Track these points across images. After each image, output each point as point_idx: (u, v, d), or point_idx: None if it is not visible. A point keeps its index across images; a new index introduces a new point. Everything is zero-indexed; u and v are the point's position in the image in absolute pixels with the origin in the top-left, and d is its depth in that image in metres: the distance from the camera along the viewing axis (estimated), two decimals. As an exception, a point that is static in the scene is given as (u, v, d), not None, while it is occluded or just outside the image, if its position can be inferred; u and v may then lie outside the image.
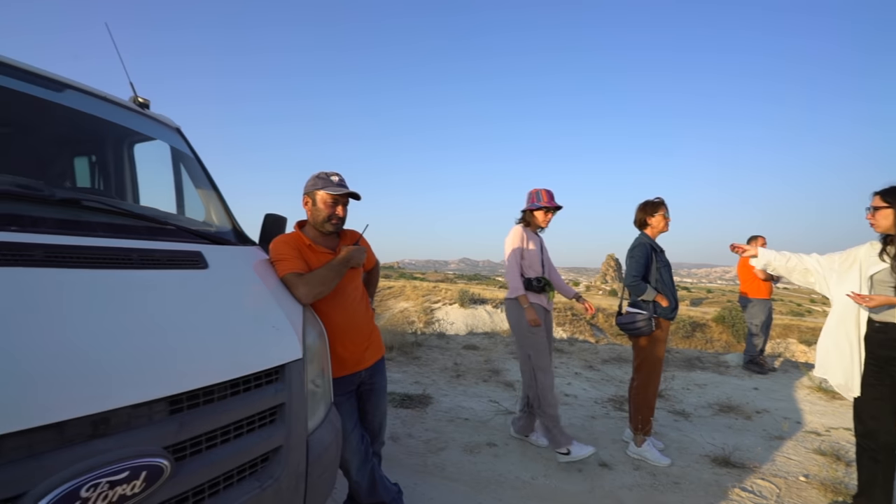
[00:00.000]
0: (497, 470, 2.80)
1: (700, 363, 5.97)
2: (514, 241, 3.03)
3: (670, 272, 3.10)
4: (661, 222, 3.08)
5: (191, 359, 1.17)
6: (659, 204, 3.10)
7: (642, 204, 3.16)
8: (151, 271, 1.34)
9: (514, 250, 3.01)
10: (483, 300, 28.52)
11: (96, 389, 0.97)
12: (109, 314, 1.12)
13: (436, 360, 5.57)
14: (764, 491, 2.66)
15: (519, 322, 2.97)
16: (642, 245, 3.04)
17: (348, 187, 2.07)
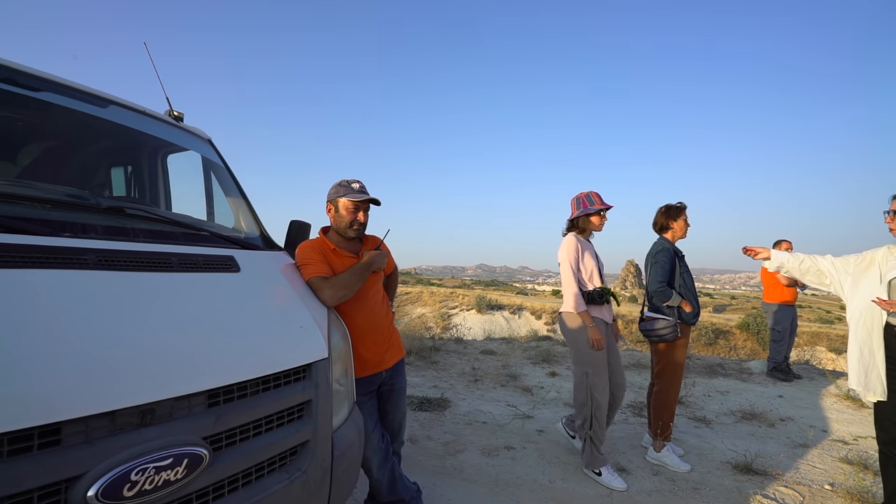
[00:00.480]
0: (515, 472, 2.82)
1: (722, 370, 5.87)
2: (570, 252, 2.82)
3: (692, 277, 3.12)
4: (683, 227, 3.09)
5: (226, 356, 1.26)
6: (682, 209, 3.10)
7: (665, 208, 3.14)
8: (190, 274, 1.44)
9: (571, 262, 2.80)
10: (500, 306, 28.45)
11: (143, 382, 1.06)
12: (154, 313, 1.22)
13: (454, 364, 5.61)
14: (787, 499, 2.62)
15: (577, 339, 2.77)
16: (666, 250, 3.02)
17: (369, 194, 2.15)
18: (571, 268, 2.80)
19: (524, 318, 26.62)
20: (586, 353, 2.76)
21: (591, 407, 2.74)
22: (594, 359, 2.74)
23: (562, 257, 2.84)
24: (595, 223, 2.91)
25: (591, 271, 2.86)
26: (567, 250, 2.82)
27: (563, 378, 5.21)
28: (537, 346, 6.94)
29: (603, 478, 2.72)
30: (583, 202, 2.90)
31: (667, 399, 3.03)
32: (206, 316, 1.33)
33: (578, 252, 2.85)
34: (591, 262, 2.86)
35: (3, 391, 0.88)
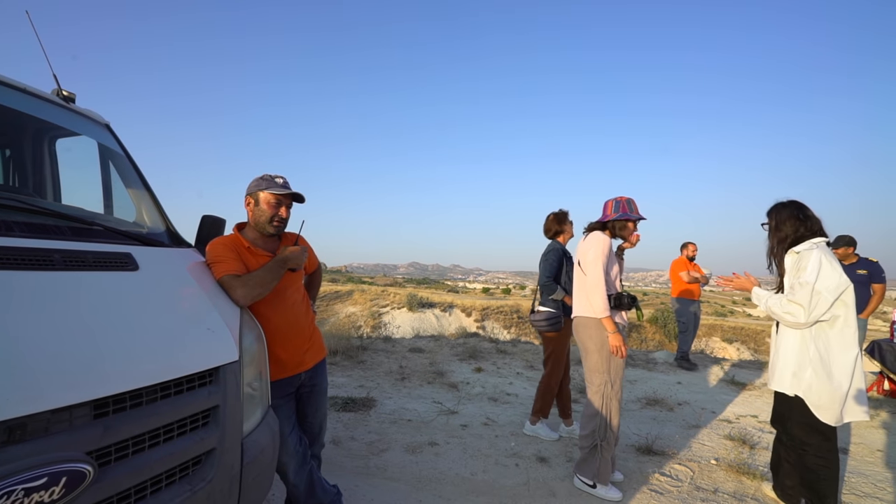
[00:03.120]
0: (438, 468, 2.87)
1: (632, 361, 6.38)
2: (604, 249, 2.61)
3: None
4: (571, 231, 3.54)
5: (117, 362, 1.15)
6: (566, 215, 3.55)
7: (553, 215, 3.54)
8: (76, 273, 1.30)
9: (603, 261, 2.60)
10: (431, 304, 28.64)
11: (12, 394, 0.94)
12: (28, 317, 1.08)
13: (381, 363, 5.57)
14: (680, 474, 2.91)
15: (602, 345, 2.61)
16: (555, 251, 3.43)
17: (292, 189, 2.08)
18: (603, 267, 2.60)
19: (455, 315, 27.03)
20: (607, 361, 2.60)
21: (608, 416, 2.59)
22: (616, 367, 2.60)
23: (592, 255, 2.60)
24: (630, 230, 2.74)
25: (616, 274, 2.73)
26: (600, 247, 2.61)
27: (489, 374, 5.38)
28: (465, 343, 7.09)
29: (598, 490, 2.59)
30: (623, 206, 2.70)
31: (549, 383, 3.44)
32: (94, 319, 1.21)
33: (610, 252, 2.68)
34: (616, 266, 2.74)
35: None
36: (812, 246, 2.25)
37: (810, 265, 2.19)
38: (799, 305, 2.18)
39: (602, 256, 2.61)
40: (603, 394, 2.61)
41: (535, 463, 3.00)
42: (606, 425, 2.60)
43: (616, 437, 2.64)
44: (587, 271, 2.63)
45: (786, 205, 2.40)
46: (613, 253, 2.75)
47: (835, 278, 2.15)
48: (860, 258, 4.85)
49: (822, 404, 2.20)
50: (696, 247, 6.31)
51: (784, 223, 2.36)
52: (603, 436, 2.60)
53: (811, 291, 2.15)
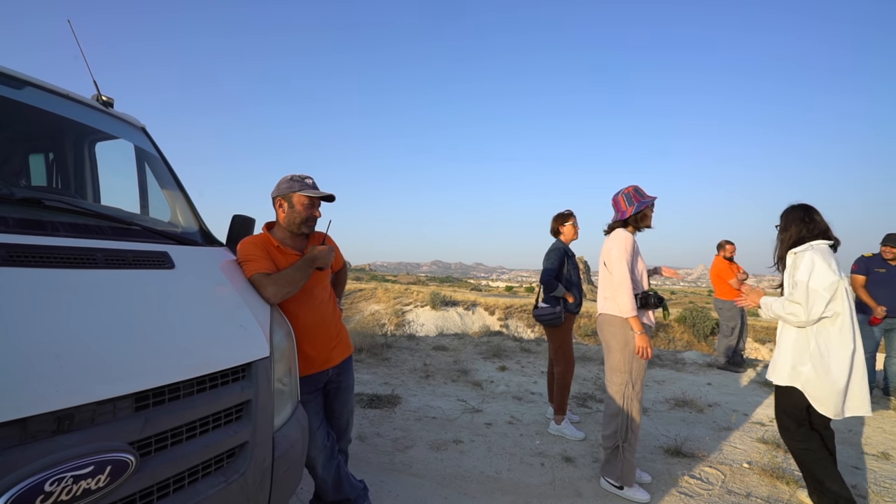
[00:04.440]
0: (463, 466, 2.88)
1: (659, 361, 6.25)
2: (629, 247, 2.58)
3: (579, 274, 3.58)
4: (572, 231, 3.58)
5: (157, 356, 1.20)
6: (569, 215, 3.59)
7: (556, 215, 3.62)
8: (117, 271, 1.35)
9: (629, 260, 2.56)
10: (454, 302, 28.70)
11: (60, 386, 0.99)
12: (74, 313, 1.14)
13: (405, 361, 5.61)
14: (711, 477, 2.84)
15: (626, 344, 2.56)
16: (557, 249, 3.51)
17: (320, 189, 2.12)
18: (628, 265, 2.55)
19: (478, 313, 27.00)
20: (630, 361, 2.55)
21: (628, 417, 2.56)
22: (637, 367, 2.56)
23: (616, 253, 2.57)
24: (650, 217, 2.71)
25: (642, 272, 2.68)
26: (625, 245, 2.57)
27: (512, 372, 5.35)
28: (488, 341, 7.07)
29: (625, 492, 2.55)
30: (634, 197, 2.64)
31: (565, 380, 3.48)
32: (134, 315, 1.26)
33: (635, 250, 2.64)
34: (642, 263, 2.69)
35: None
36: (808, 247, 2.35)
37: (803, 265, 2.30)
38: (798, 304, 2.28)
39: (626, 254, 2.57)
40: (624, 394, 2.57)
41: (560, 462, 2.98)
42: (627, 426, 2.55)
43: (637, 438, 2.59)
44: (613, 270, 2.59)
45: (796, 207, 2.49)
46: (639, 250, 2.69)
47: (829, 277, 2.22)
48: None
49: (820, 397, 2.27)
50: (735, 246, 6.09)
51: (790, 224, 2.47)
52: (624, 437, 2.55)
53: (805, 290, 2.25)
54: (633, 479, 2.59)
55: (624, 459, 2.56)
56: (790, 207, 2.50)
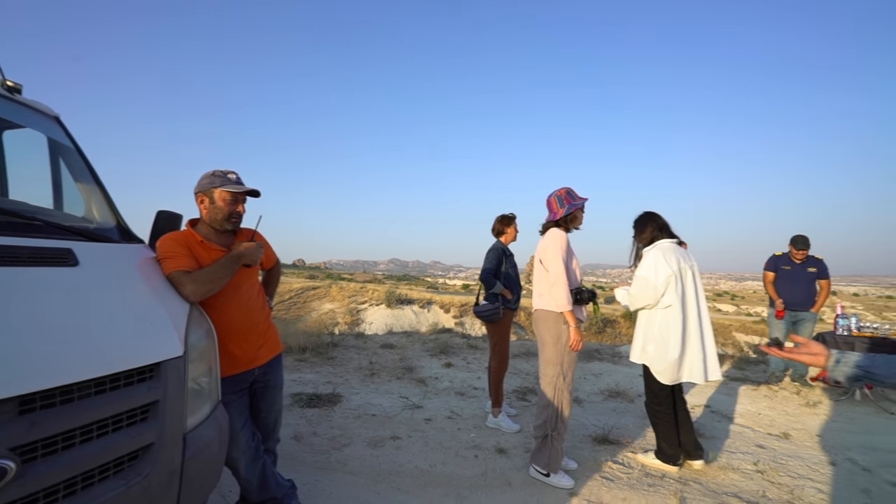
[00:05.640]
0: (398, 461, 2.91)
1: (599, 355, 6.55)
2: (563, 245, 2.71)
3: (517, 272, 3.79)
4: (513, 233, 3.78)
5: (46, 358, 1.15)
6: (512, 218, 3.79)
7: (500, 217, 3.79)
8: (8, 269, 1.28)
9: (564, 257, 2.68)
10: (410, 301, 28.60)
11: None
12: (-51, 313, 1.07)
13: (351, 359, 5.58)
14: (632, 462, 3.03)
15: (556, 337, 2.70)
16: (496, 249, 3.68)
17: (245, 185, 2.09)
18: (564, 262, 2.68)
19: (433, 312, 27.05)
20: (563, 354, 2.70)
21: (558, 407, 2.68)
22: (568, 359, 2.70)
23: (552, 251, 2.69)
24: (577, 220, 2.86)
25: (576, 269, 2.84)
26: (560, 244, 2.70)
27: (458, 369, 5.45)
28: (437, 338, 7.15)
29: (552, 479, 2.68)
30: (566, 199, 2.79)
31: (499, 374, 3.65)
32: (24, 316, 1.20)
33: (569, 247, 2.78)
34: (576, 260, 2.84)
35: None
36: (654, 246, 2.89)
37: (647, 261, 2.84)
38: (633, 293, 2.86)
39: (561, 251, 2.69)
40: (555, 385, 2.70)
41: (494, 454, 3.08)
42: (557, 416, 2.68)
43: (567, 428, 2.73)
44: (549, 267, 2.72)
45: (646, 215, 3.00)
46: (572, 248, 2.83)
47: (665, 270, 2.75)
48: (809, 257, 5.09)
49: (659, 370, 2.81)
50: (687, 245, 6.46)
51: (644, 229, 2.97)
52: (554, 426, 2.68)
53: (643, 282, 2.80)
54: (560, 466, 2.72)
55: (552, 448, 2.69)
56: (642, 215, 3.01)
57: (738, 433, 3.69)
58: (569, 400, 2.71)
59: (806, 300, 5.01)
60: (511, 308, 3.67)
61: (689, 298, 2.83)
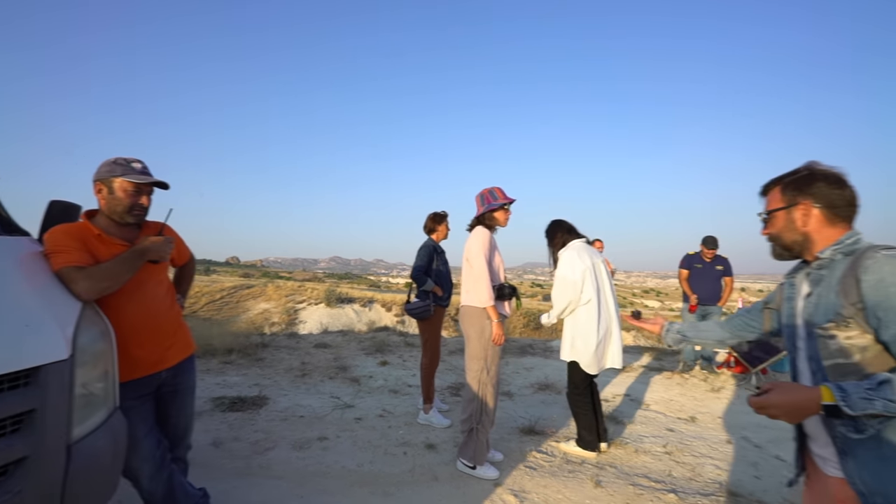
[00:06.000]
0: (325, 462, 2.85)
1: (531, 350, 6.79)
2: (485, 244, 2.77)
3: (448, 269, 3.84)
4: (444, 231, 3.83)
5: None
6: (443, 217, 3.82)
7: (431, 215, 3.82)
8: None
9: (486, 255, 2.75)
10: (351, 299, 28.05)
11: None
12: None
13: (282, 360, 5.37)
14: (554, 451, 3.18)
15: (480, 333, 2.76)
16: (427, 247, 3.71)
17: (152, 175, 1.94)
18: (486, 260, 2.74)
19: (375, 310, 26.71)
20: (487, 348, 2.76)
21: (482, 401, 2.74)
22: (491, 354, 2.77)
23: (474, 250, 2.75)
24: (500, 218, 2.90)
25: (499, 266, 2.89)
26: (482, 242, 2.77)
27: (393, 367, 5.42)
28: (373, 337, 7.07)
29: (477, 471, 2.74)
30: (487, 198, 2.88)
31: (430, 370, 3.67)
32: None
33: (492, 245, 2.85)
34: (499, 257, 2.90)
35: None
36: (566, 248, 3.10)
37: (562, 262, 3.05)
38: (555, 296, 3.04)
39: (484, 249, 2.75)
40: (479, 379, 2.76)
41: (423, 450, 3.09)
42: (482, 409, 2.74)
43: (492, 421, 2.81)
44: (472, 264, 2.78)
45: (554, 223, 3.23)
46: (496, 245, 2.90)
47: (578, 266, 2.96)
48: (717, 256, 5.59)
49: (589, 363, 2.99)
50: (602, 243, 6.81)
51: (555, 236, 3.19)
52: (479, 419, 2.74)
53: (562, 281, 3.00)
54: (485, 459, 2.79)
55: (477, 440, 2.75)
56: (550, 224, 3.24)
57: (652, 418, 3.98)
58: (493, 393, 2.79)
59: (714, 295, 5.50)
60: (442, 305, 3.71)
61: (604, 291, 3.06)
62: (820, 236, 1.18)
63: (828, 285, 1.13)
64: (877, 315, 1.02)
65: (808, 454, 1.25)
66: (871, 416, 0.98)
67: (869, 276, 1.03)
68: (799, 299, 1.23)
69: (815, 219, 1.18)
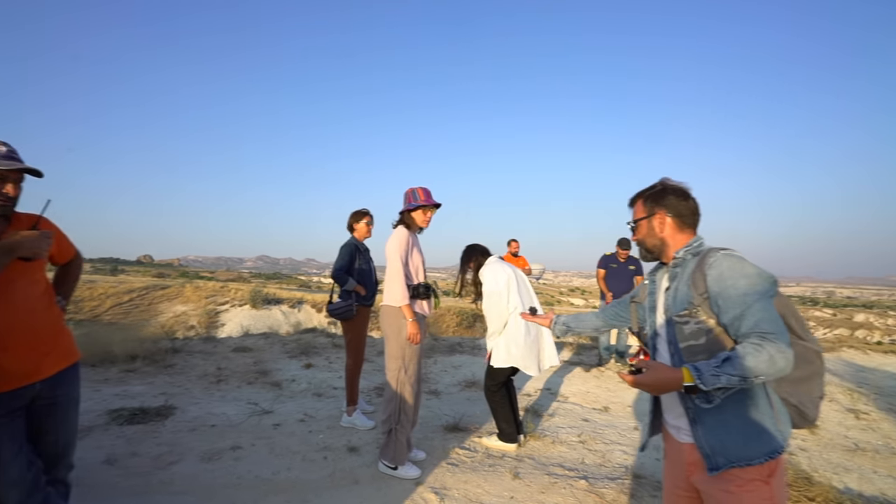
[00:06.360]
0: (236, 473, 2.68)
1: (460, 348, 6.89)
2: (402, 244, 2.78)
3: (371, 267, 3.77)
4: (365, 229, 3.74)
5: None
6: (364, 214, 3.74)
7: (353, 213, 3.75)
8: None
9: (401, 255, 2.76)
10: (279, 300, 26.76)
11: None
12: None
13: (195, 366, 4.99)
14: (476, 446, 3.24)
15: (397, 332, 2.76)
16: (348, 245, 3.62)
17: (23, 161, 1.72)
18: (401, 260, 2.75)
19: (304, 311, 25.68)
20: (404, 348, 2.75)
21: (400, 401, 2.73)
22: (409, 353, 2.76)
23: (391, 249, 2.76)
24: (418, 219, 2.89)
25: (417, 266, 2.88)
26: (398, 242, 2.77)
27: (318, 369, 5.25)
28: (299, 339, 6.80)
29: (399, 471, 2.72)
30: (408, 197, 2.88)
31: (353, 371, 3.58)
32: None
33: (409, 245, 2.83)
34: (418, 257, 2.89)
35: None
36: (486, 265, 3.18)
37: (485, 278, 3.13)
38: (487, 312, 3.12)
39: (400, 249, 2.76)
40: (398, 379, 2.75)
41: (344, 453, 3.02)
42: (401, 409, 2.73)
43: (412, 420, 2.81)
44: (388, 263, 2.82)
45: (468, 249, 3.30)
46: (414, 245, 2.89)
47: (502, 276, 3.07)
48: (630, 256, 6.02)
49: (528, 365, 3.08)
50: (518, 243, 7.06)
51: (471, 258, 3.25)
52: (398, 419, 2.73)
53: (490, 296, 3.07)
54: (406, 458, 2.78)
55: (396, 441, 2.73)
56: (466, 249, 3.31)
57: (569, 410, 4.20)
58: (412, 392, 2.78)
59: (627, 292, 5.91)
60: (366, 304, 3.65)
61: (529, 296, 3.19)
62: (673, 241, 1.39)
63: (682, 280, 1.32)
64: (718, 303, 1.21)
65: (664, 426, 1.45)
66: (718, 389, 1.17)
67: (712, 272, 1.23)
68: (660, 293, 1.43)
69: (668, 226, 1.39)
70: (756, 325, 1.14)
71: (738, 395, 1.22)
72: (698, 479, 1.30)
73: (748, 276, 1.19)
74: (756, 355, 1.10)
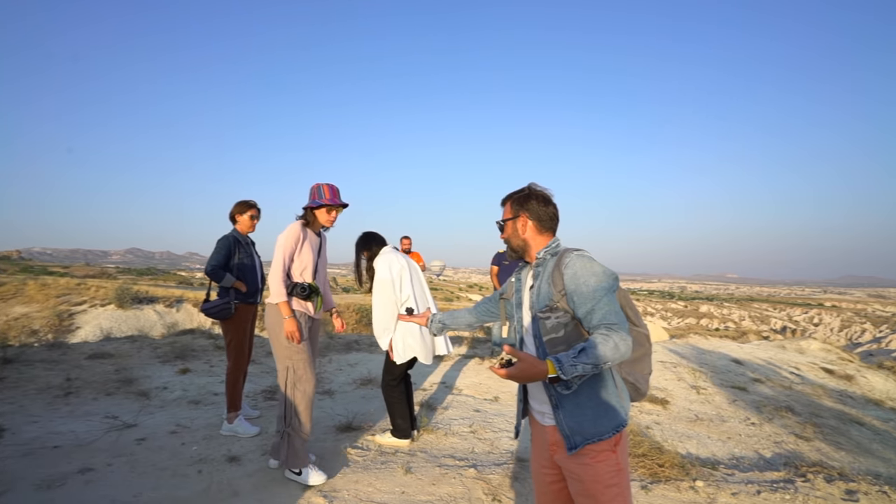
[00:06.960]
0: (85, 499, 2.31)
1: (357, 346, 6.76)
2: (288, 240, 2.66)
3: (255, 262, 3.50)
4: (248, 222, 3.48)
5: None
6: (250, 206, 3.47)
7: (238, 203, 3.47)
8: None
9: (285, 250, 2.65)
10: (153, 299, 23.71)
11: None
12: None
13: (35, 378, 4.21)
14: (370, 444, 3.20)
15: (277, 331, 2.64)
16: (226, 238, 3.35)
17: None
18: (284, 256, 2.65)
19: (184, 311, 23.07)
20: (286, 347, 2.65)
21: (293, 402, 2.61)
22: (293, 352, 2.65)
23: (277, 244, 2.66)
24: (321, 218, 2.78)
25: (305, 265, 2.75)
26: (286, 238, 2.66)
27: (197, 374, 4.77)
28: (174, 341, 6.11)
29: (303, 476, 2.58)
30: (313, 193, 2.76)
31: (234, 375, 3.32)
32: None
33: (298, 242, 2.70)
34: (309, 256, 2.75)
35: None
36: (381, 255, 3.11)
37: (378, 267, 3.05)
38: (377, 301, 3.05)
39: (286, 244, 2.67)
40: (286, 379, 2.64)
41: (223, 464, 2.77)
42: (293, 411, 2.61)
43: (305, 422, 2.68)
44: (273, 259, 2.71)
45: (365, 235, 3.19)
46: (307, 242, 2.76)
47: (395, 266, 3.04)
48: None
49: (424, 355, 3.08)
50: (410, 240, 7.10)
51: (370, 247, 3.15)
52: (289, 421, 2.60)
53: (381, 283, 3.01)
54: (308, 461, 2.65)
55: (290, 444, 2.60)
56: (361, 237, 3.19)
57: (462, 402, 4.35)
58: (303, 392, 2.66)
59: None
60: (249, 302, 3.40)
61: (422, 287, 3.21)
62: (534, 242, 1.51)
63: (543, 279, 1.44)
64: (573, 299, 1.35)
65: (531, 412, 1.58)
66: (576, 377, 1.29)
67: (568, 271, 1.36)
68: (525, 290, 1.55)
69: (530, 228, 1.50)
70: (604, 318, 1.30)
71: (591, 379, 1.37)
72: (560, 457, 1.44)
73: (597, 274, 1.34)
74: (605, 344, 1.24)
